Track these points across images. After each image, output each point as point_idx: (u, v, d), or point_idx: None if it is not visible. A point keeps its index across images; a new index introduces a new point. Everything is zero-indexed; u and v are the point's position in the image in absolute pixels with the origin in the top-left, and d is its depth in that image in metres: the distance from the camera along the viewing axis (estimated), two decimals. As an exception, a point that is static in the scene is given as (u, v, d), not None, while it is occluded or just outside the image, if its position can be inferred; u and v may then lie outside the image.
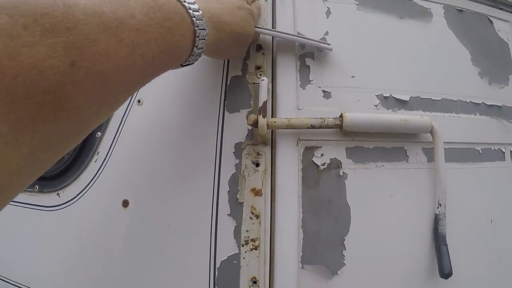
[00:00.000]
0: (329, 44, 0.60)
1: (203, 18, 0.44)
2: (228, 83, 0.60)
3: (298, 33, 0.63)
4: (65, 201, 0.64)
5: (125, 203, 0.58)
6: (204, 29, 0.44)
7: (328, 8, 0.66)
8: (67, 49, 0.27)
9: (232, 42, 0.53)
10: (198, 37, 0.43)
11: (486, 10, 0.77)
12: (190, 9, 0.42)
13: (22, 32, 0.25)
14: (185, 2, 0.42)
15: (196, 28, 0.42)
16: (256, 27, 0.57)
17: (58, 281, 0.63)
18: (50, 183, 0.68)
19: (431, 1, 0.72)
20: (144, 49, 0.34)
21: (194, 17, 0.42)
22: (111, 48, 0.31)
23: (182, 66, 0.46)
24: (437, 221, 0.56)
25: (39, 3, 0.27)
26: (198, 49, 0.44)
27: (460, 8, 0.74)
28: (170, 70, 0.43)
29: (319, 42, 0.60)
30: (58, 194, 0.66)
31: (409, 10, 0.70)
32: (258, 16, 0.61)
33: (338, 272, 0.53)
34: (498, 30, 0.76)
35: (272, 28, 0.64)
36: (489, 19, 0.77)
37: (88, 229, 0.61)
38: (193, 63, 0.48)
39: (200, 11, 0.44)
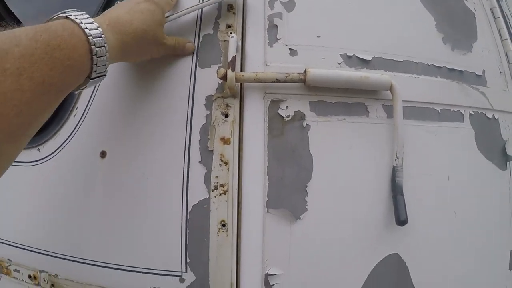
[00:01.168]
0: None
1: (98, 28, 0.48)
2: (200, 40, 0.67)
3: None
4: (46, 155, 0.71)
5: (103, 154, 0.66)
6: (101, 37, 0.47)
7: (296, -29, 0.72)
8: None
9: (140, 40, 0.57)
10: (94, 45, 0.46)
11: (455, -20, 0.85)
12: (82, 23, 0.46)
13: None
14: (76, 18, 0.46)
15: (89, 37, 0.46)
16: (167, 16, 0.63)
17: (40, 232, 0.70)
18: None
19: (401, -33, 0.79)
20: (30, 70, 0.39)
21: (87, 28, 0.46)
22: None
23: (92, 79, 0.50)
24: (394, 172, 0.63)
25: None
26: (99, 57, 0.48)
27: (427, -24, 0.81)
28: None
29: None
30: (38, 149, 0.72)
31: (377, -27, 0.76)
32: (170, 4, 0.66)
33: (301, 216, 0.61)
34: (466, 0, 0.83)
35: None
36: (457, -12, 0.84)
37: (68, 180, 0.68)
38: (104, 75, 0.52)
39: (94, 23, 0.48)
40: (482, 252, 0.72)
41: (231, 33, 0.66)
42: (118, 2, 0.62)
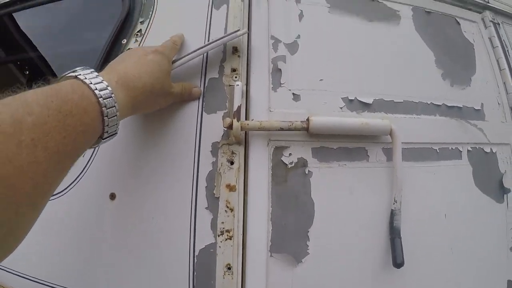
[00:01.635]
0: (238, 30, 0.70)
1: (108, 88, 0.49)
2: (206, 84, 0.69)
3: (272, 36, 0.72)
4: (56, 193, 0.74)
5: (112, 196, 0.69)
6: (111, 97, 0.49)
7: (301, 10, 0.75)
8: None
9: (149, 94, 0.59)
10: (105, 106, 0.48)
11: (454, 11, 0.87)
12: (91, 83, 0.47)
13: None
14: (85, 78, 0.47)
15: (100, 99, 0.47)
16: (173, 61, 0.66)
17: (51, 266, 0.73)
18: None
19: (400, 3, 0.81)
20: (45, 140, 0.39)
21: (96, 89, 0.47)
22: (11, 153, 0.36)
23: (104, 139, 0.51)
24: (392, 216, 0.67)
25: None
26: (110, 118, 0.49)
27: (428, 10, 0.84)
28: None
29: (230, 34, 0.69)
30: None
31: (378, 12, 0.79)
32: (175, 49, 0.69)
33: (303, 260, 0.64)
34: (465, 31, 0.86)
35: (248, 28, 0.73)
36: (457, 20, 0.87)
37: (76, 220, 0.71)
38: (116, 133, 0.53)
39: (104, 81, 0.49)
40: (480, 285, 0.76)
41: (236, 77, 0.68)
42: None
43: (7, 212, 0.37)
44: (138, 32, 0.78)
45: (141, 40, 0.76)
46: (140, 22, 0.78)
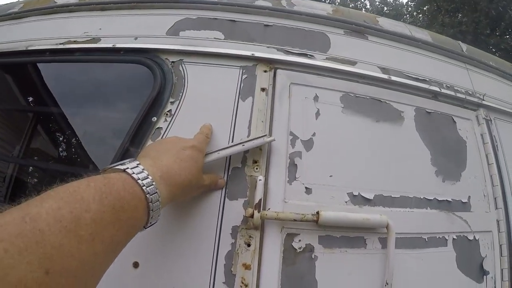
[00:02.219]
0: (266, 136, 0.81)
1: (153, 183, 0.56)
2: (229, 173, 0.82)
3: (290, 132, 0.85)
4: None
5: (136, 265, 0.78)
6: (156, 193, 0.56)
7: (318, 109, 0.88)
8: (40, 260, 0.38)
9: (186, 189, 0.67)
10: (151, 202, 0.55)
11: (452, 110, 1.01)
12: (139, 179, 0.54)
13: (4, 255, 0.36)
14: (134, 173, 0.54)
15: (147, 195, 0.54)
16: (206, 153, 0.77)
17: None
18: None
19: (405, 104, 0.95)
20: (101, 234, 0.45)
21: (144, 185, 0.54)
22: (73, 248, 0.41)
23: (146, 227, 0.58)
24: (384, 296, 0.81)
25: (10, 224, 0.39)
26: (154, 211, 0.56)
27: (429, 110, 0.98)
28: None
29: (259, 138, 0.80)
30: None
31: (385, 113, 0.93)
32: (207, 143, 0.79)
33: (306, 332, 0.77)
34: (459, 129, 1.00)
35: (270, 121, 0.85)
36: (453, 119, 1.00)
37: (100, 286, 0.82)
38: (156, 222, 0.60)
39: (149, 176, 0.56)
40: None
41: (257, 168, 0.81)
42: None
43: None
44: (168, 111, 0.87)
45: (171, 120, 0.87)
46: (171, 102, 0.88)
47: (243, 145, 0.80)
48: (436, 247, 0.89)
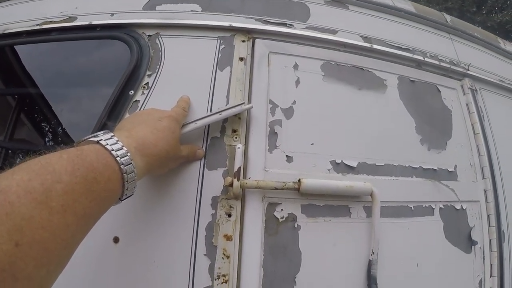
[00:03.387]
0: (243, 104, 0.80)
1: (128, 154, 0.55)
2: (208, 143, 0.80)
3: (270, 100, 0.83)
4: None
5: (116, 240, 0.77)
6: (130, 163, 0.55)
7: (298, 77, 0.87)
8: (10, 232, 0.38)
9: (163, 160, 0.66)
10: (126, 173, 0.54)
11: (436, 79, 1.00)
12: (113, 150, 0.53)
13: None
14: (107, 144, 0.53)
15: (121, 166, 0.53)
16: (184, 124, 0.76)
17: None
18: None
19: (388, 72, 0.94)
20: (73, 206, 0.44)
21: (118, 156, 0.53)
22: (44, 219, 0.41)
23: (122, 199, 0.57)
24: (370, 265, 0.79)
25: None
26: (130, 182, 0.55)
27: (413, 79, 0.97)
28: None
29: (236, 106, 0.79)
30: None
31: (367, 81, 0.92)
32: (185, 115, 0.77)
33: (290, 303, 0.76)
34: (444, 98, 0.99)
35: (249, 91, 0.84)
36: (438, 88, 1.00)
37: (80, 262, 0.77)
38: (132, 194, 0.60)
39: (124, 147, 0.55)
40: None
41: (236, 137, 0.80)
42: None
43: (39, 271, 0.41)
44: (145, 85, 0.86)
45: (148, 93, 0.86)
46: (148, 75, 0.87)
47: (221, 113, 0.78)
48: (422, 216, 0.88)
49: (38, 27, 1.03)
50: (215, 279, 0.74)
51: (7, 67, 1.26)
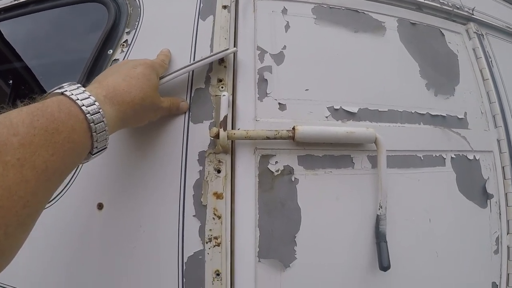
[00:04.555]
0: (228, 49, 0.72)
1: (95, 103, 0.49)
2: (192, 94, 0.72)
3: (258, 47, 0.75)
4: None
5: (100, 206, 0.70)
6: (98, 112, 0.49)
7: (288, 21, 0.78)
8: None
9: (138, 108, 0.59)
10: (93, 122, 0.48)
11: (439, 23, 0.91)
12: (78, 99, 0.48)
13: None
14: (72, 94, 0.48)
15: (87, 115, 0.48)
16: (161, 77, 0.68)
17: (37, 278, 0.74)
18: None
19: (386, 14, 0.85)
20: (32, 160, 0.40)
21: (83, 105, 0.48)
22: None
23: (94, 154, 0.52)
24: (378, 220, 0.70)
25: None
26: (99, 133, 0.50)
27: (413, 22, 0.87)
28: None
29: (220, 53, 0.71)
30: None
31: (364, 24, 0.83)
32: (163, 67, 0.70)
33: (290, 265, 0.67)
34: (449, 42, 0.89)
35: (234, 39, 0.75)
36: (441, 31, 0.90)
37: (64, 231, 0.72)
38: (105, 147, 0.54)
39: (91, 97, 0.50)
40: (465, 286, 0.79)
41: (222, 87, 0.71)
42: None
43: None
44: (124, 42, 0.80)
45: (127, 50, 0.79)
46: (126, 32, 0.80)
47: (203, 60, 0.70)
48: (433, 166, 0.79)
49: (16, 2, 1.00)
50: (207, 242, 0.66)
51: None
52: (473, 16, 0.98)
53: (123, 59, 0.77)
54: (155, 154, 0.70)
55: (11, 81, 1.20)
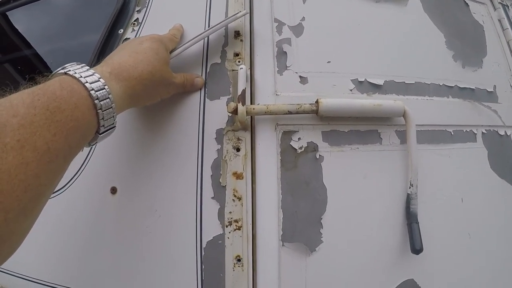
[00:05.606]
0: (239, 12, 0.66)
1: (100, 80, 0.46)
2: (208, 70, 0.66)
3: (275, 19, 0.69)
4: (55, 190, 0.71)
5: (113, 190, 0.66)
6: (103, 89, 0.46)
7: (305, -8, 0.72)
8: None
9: (147, 83, 0.55)
10: (98, 99, 0.45)
11: (462, -8, 0.85)
12: (81, 77, 0.45)
13: None
14: (75, 73, 0.45)
15: (91, 92, 0.44)
16: (171, 51, 0.63)
17: (50, 266, 0.70)
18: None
19: (408, -16, 0.79)
20: (32, 141, 0.37)
21: (87, 82, 0.45)
22: None
23: (101, 134, 0.48)
24: (409, 200, 0.64)
25: None
26: (105, 110, 0.47)
27: (436, -9, 0.81)
28: None
29: (231, 17, 0.65)
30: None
31: (385, -7, 0.76)
32: (174, 41, 0.65)
33: (316, 249, 0.61)
34: (474, 13, 0.83)
35: (250, 11, 0.70)
36: (465, 1, 0.84)
37: (77, 218, 0.68)
38: (114, 126, 0.50)
39: (96, 74, 0.47)
40: (499, 270, 0.73)
41: (239, 61, 0.66)
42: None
43: None
44: (135, 21, 0.75)
45: (139, 29, 0.74)
46: (137, 11, 0.76)
47: (213, 27, 0.65)
48: (464, 142, 0.73)
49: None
50: (226, 226, 0.60)
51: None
52: (496, -14, 0.92)
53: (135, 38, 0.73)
54: (169, 134, 0.65)
55: (22, 68, 1.16)
